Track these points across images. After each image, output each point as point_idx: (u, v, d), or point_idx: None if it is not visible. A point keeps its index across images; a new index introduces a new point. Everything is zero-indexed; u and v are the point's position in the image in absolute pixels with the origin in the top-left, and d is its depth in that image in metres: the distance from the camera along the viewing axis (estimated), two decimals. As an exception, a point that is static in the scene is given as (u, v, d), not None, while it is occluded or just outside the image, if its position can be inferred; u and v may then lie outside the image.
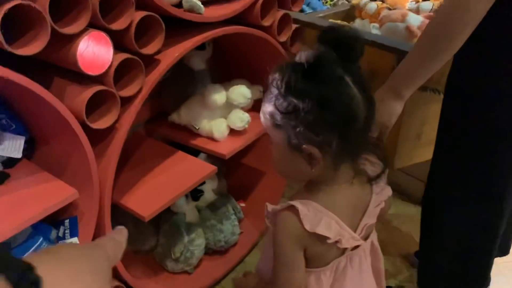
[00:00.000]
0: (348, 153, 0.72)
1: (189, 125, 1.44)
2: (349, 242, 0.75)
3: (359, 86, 0.68)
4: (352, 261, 0.78)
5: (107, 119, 1.01)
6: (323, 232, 0.71)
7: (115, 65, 0.97)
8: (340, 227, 0.73)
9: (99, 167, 1.04)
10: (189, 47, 1.13)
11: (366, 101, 0.68)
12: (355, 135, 0.69)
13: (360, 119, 0.68)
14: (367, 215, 0.77)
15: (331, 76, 0.66)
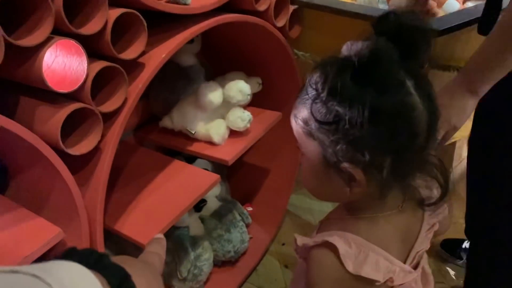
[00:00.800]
0: (400, 176, 0.57)
1: (184, 129, 1.28)
2: (400, 277, 0.61)
3: (422, 93, 0.52)
4: None
5: (89, 141, 0.85)
6: (370, 275, 0.57)
7: (91, 77, 0.81)
8: (390, 263, 0.59)
9: (85, 196, 0.89)
10: (177, 45, 0.97)
11: (430, 113, 0.53)
12: (412, 156, 0.55)
13: (421, 136, 0.53)
14: (419, 242, 0.64)
15: (390, 81, 0.50)
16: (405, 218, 0.62)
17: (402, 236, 0.63)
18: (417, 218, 0.64)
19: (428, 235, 0.65)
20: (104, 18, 0.81)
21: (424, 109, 0.53)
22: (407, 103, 0.52)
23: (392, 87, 0.51)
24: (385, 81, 0.50)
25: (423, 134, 0.53)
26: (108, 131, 0.89)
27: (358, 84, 0.50)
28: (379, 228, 0.60)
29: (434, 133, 0.55)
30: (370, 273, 0.57)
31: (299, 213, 1.69)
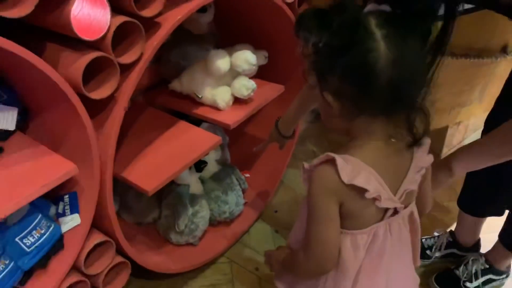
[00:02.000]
0: (372, 107, 0.67)
1: (192, 93, 1.36)
2: (388, 202, 0.70)
3: (390, 41, 0.62)
4: (391, 228, 0.74)
5: (106, 88, 0.94)
6: (361, 184, 0.67)
7: (112, 29, 0.89)
8: (380, 184, 0.69)
9: (99, 139, 0.98)
10: (191, 8, 1.04)
11: (396, 59, 0.62)
12: (375, 91, 0.64)
13: (380, 76, 0.63)
14: (407, 180, 0.73)
15: (350, 22, 0.63)
16: (395, 151, 0.71)
17: (392, 168, 0.71)
18: (406, 158, 0.73)
19: (416, 177, 0.74)
20: (128, -24, 0.89)
21: (388, 54, 0.62)
22: (365, 46, 0.62)
23: (350, 28, 0.62)
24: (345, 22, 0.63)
25: (384, 75, 0.63)
26: (124, 82, 0.97)
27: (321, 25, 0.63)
28: (372, 154, 0.70)
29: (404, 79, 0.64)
30: (362, 182, 0.67)
31: (293, 186, 1.78)
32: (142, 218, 1.48)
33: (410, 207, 0.76)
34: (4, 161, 0.96)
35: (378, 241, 0.73)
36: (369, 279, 0.75)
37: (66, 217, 1.03)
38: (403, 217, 0.76)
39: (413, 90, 0.67)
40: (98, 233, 1.09)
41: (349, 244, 0.73)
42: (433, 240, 1.45)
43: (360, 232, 0.72)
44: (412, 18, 0.63)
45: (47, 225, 1.00)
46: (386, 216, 0.73)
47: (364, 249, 0.73)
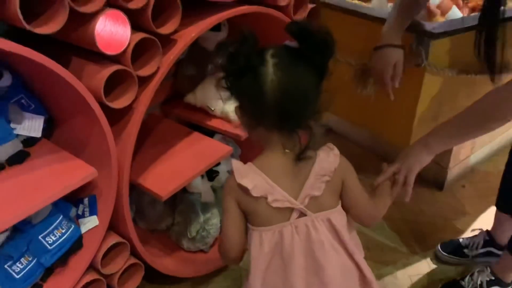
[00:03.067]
0: (265, 122, 0.79)
1: (205, 106, 1.44)
2: (281, 203, 0.80)
3: (281, 71, 0.75)
4: (298, 228, 0.81)
5: (125, 98, 1.02)
6: (245, 183, 0.79)
7: (132, 44, 0.98)
8: (270, 186, 0.80)
9: (117, 146, 1.05)
10: (205, 27, 1.13)
11: (282, 84, 0.75)
12: (264, 109, 0.77)
13: (266, 96, 0.75)
14: (308, 185, 0.81)
15: (247, 51, 0.76)
16: (290, 160, 0.81)
17: (292, 175, 0.81)
18: (306, 166, 0.82)
19: (318, 184, 0.81)
20: (147, -3, 0.98)
21: (274, 79, 0.75)
22: (257, 70, 0.75)
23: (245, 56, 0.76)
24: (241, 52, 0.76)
25: (270, 96, 0.75)
26: (141, 93, 1.06)
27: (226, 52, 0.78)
28: (268, 162, 0.82)
29: (287, 102, 0.76)
30: (246, 182, 0.79)
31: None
32: (156, 224, 1.55)
33: (326, 214, 0.82)
34: (30, 165, 1.05)
35: (286, 241, 0.80)
36: (280, 277, 0.82)
37: (85, 218, 1.11)
38: (314, 221, 0.81)
39: (297, 112, 0.78)
40: (114, 235, 1.16)
41: (257, 241, 0.82)
42: (470, 239, 1.48)
43: (264, 229, 0.81)
44: (310, 53, 0.75)
45: (67, 225, 1.08)
46: (292, 217, 0.81)
47: (269, 246, 0.81)
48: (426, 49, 1.23)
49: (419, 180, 1.76)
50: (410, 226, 1.62)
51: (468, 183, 1.81)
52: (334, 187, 0.85)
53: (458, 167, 1.79)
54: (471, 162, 1.85)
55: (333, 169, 0.83)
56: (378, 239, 1.56)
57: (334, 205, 0.85)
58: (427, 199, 1.74)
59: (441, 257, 1.47)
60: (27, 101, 1.10)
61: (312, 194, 0.81)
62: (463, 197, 1.75)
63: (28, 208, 0.94)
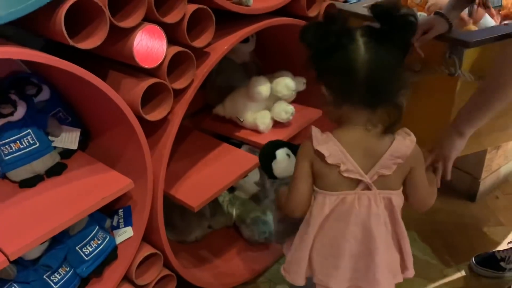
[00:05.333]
0: (353, 98, 0.83)
1: (234, 117, 1.45)
2: (352, 173, 0.85)
3: (369, 46, 0.80)
4: (360, 199, 0.86)
5: (161, 111, 1.04)
6: (322, 150, 0.84)
7: (168, 58, 0.99)
8: (344, 156, 0.84)
9: (152, 157, 1.06)
10: (237, 39, 1.14)
11: (371, 60, 0.80)
12: (354, 85, 0.81)
13: (358, 72, 0.80)
14: (381, 163, 0.85)
15: (338, 30, 0.81)
16: (370, 137, 0.85)
17: (365, 149, 0.85)
18: (382, 144, 0.86)
19: (389, 164, 0.85)
20: (183, 11, 0.99)
21: (365, 56, 0.79)
22: (349, 48, 0.80)
23: (339, 36, 0.80)
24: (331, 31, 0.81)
25: (361, 73, 0.80)
26: (176, 105, 1.07)
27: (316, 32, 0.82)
28: (346, 134, 0.86)
29: (378, 78, 0.81)
30: (323, 149, 0.84)
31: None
32: (185, 236, 1.55)
33: (388, 193, 0.87)
34: (68, 177, 1.07)
35: (344, 207, 0.87)
36: (329, 236, 0.89)
37: (120, 229, 1.12)
38: (376, 197, 0.86)
39: (386, 88, 0.82)
40: (148, 246, 1.17)
41: (319, 202, 0.88)
42: (506, 252, 1.45)
43: (329, 194, 0.87)
44: (394, 33, 0.80)
45: (103, 236, 1.09)
46: (358, 188, 0.86)
47: (329, 208, 0.87)
48: (460, 58, 1.21)
49: (451, 192, 1.77)
50: (443, 238, 1.59)
51: (501, 194, 1.77)
52: (403, 171, 0.88)
53: (491, 177, 1.75)
54: (503, 172, 1.81)
55: (408, 154, 0.85)
56: (411, 251, 1.53)
57: (398, 187, 0.89)
58: (460, 210, 1.70)
59: (476, 270, 1.44)
60: (64, 114, 1.13)
61: (382, 172, 0.85)
62: (497, 208, 1.70)
63: (67, 220, 0.95)
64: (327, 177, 0.87)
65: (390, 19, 0.80)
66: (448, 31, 1.20)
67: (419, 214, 1.64)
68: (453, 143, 1.08)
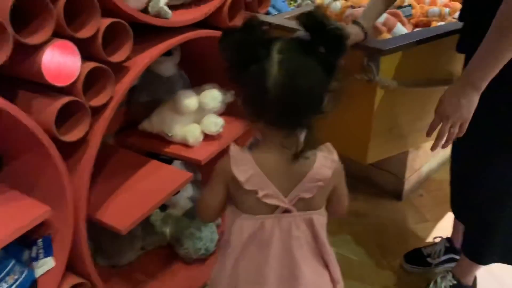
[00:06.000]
0: (265, 117, 0.78)
1: (162, 132, 1.41)
2: (271, 198, 0.81)
3: (287, 69, 0.73)
4: (280, 223, 0.83)
5: (78, 130, 0.98)
6: (238, 175, 0.79)
7: (83, 74, 0.94)
8: (263, 181, 0.80)
9: (71, 181, 1.00)
10: (158, 53, 1.11)
11: (284, 80, 0.73)
12: (265, 105, 0.75)
13: (269, 92, 0.73)
14: (301, 187, 0.82)
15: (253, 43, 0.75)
16: (288, 159, 0.80)
17: (286, 173, 0.81)
18: (303, 166, 0.81)
19: (310, 187, 0.82)
20: (96, 25, 0.95)
21: (279, 77, 0.73)
22: (261, 63, 0.73)
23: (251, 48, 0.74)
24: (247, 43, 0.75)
25: (271, 94, 0.73)
26: (95, 124, 1.01)
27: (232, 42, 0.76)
28: (264, 156, 0.81)
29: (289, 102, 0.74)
30: (239, 173, 0.79)
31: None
32: (117, 260, 1.48)
33: (310, 214, 0.84)
34: (-24, 208, 0.97)
35: (266, 231, 0.83)
36: (252, 263, 0.85)
37: (40, 261, 1.03)
38: (297, 219, 0.83)
39: (299, 110, 0.76)
40: (73, 276, 1.09)
41: (238, 226, 0.84)
42: (431, 248, 1.51)
43: (247, 218, 0.83)
44: (324, 49, 0.74)
45: (20, 270, 1.00)
46: (276, 212, 0.82)
47: (248, 233, 0.83)
48: (376, 65, 1.27)
49: (379, 192, 1.84)
50: (374, 238, 1.64)
51: (425, 192, 1.87)
52: (325, 191, 0.86)
53: (414, 176, 1.84)
54: (425, 171, 1.92)
55: (329, 176, 0.83)
56: (344, 254, 1.57)
57: (320, 206, 0.86)
58: (388, 210, 1.77)
59: (406, 268, 1.50)
60: (-31, 139, 1.03)
61: (302, 196, 0.82)
62: (422, 206, 1.80)
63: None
64: (244, 201, 0.83)
65: (322, 32, 0.74)
66: (364, 39, 1.25)
67: (351, 217, 1.72)
68: (472, 101, 1.01)
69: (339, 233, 1.63)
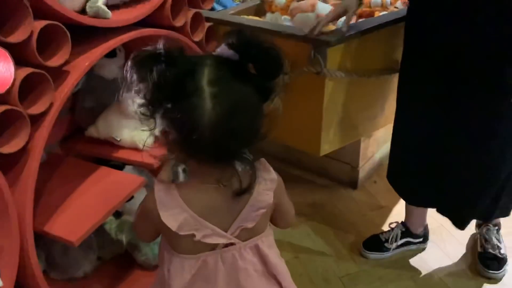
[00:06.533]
0: (196, 155, 0.69)
1: (110, 137, 1.36)
2: (210, 238, 0.74)
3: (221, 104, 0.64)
4: (224, 258, 0.77)
5: (17, 141, 0.92)
6: (167, 222, 0.71)
7: (18, 81, 0.89)
8: (198, 223, 0.73)
9: (14, 195, 0.94)
10: (99, 54, 1.07)
11: (219, 121, 0.64)
12: (198, 143, 0.65)
13: (202, 131, 0.64)
14: (242, 218, 0.75)
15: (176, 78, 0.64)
16: (225, 195, 0.73)
17: (223, 209, 0.74)
18: (242, 199, 0.74)
19: (253, 216, 0.75)
20: (29, 29, 0.90)
21: (212, 114, 0.63)
22: (192, 102, 0.63)
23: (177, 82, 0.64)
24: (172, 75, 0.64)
25: (206, 132, 0.63)
26: (36, 133, 0.96)
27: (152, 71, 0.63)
28: (199, 195, 0.73)
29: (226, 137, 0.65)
30: (169, 221, 0.71)
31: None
32: (72, 273, 1.41)
33: (255, 240, 0.78)
34: None
35: (208, 269, 0.76)
36: None
37: (-15, 282, 0.97)
38: (241, 249, 0.77)
39: (236, 146, 0.68)
40: (23, 294, 1.04)
41: (178, 266, 0.76)
42: (388, 233, 1.54)
43: (187, 257, 0.76)
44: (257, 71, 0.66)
45: (-37, 294, 0.94)
46: (218, 247, 0.76)
47: (190, 273, 0.76)
48: (324, 57, 1.28)
49: (335, 182, 1.86)
50: (333, 228, 1.66)
51: (378, 178, 1.91)
52: (268, 213, 0.79)
53: (367, 164, 1.88)
54: (378, 158, 1.96)
55: (271, 201, 0.76)
56: (305, 246, 1.58)
57: (264, 228, 0.80)
58: (344, 199, 1.80)
59: (365, 255, 1.53)
60: None
61: (245, 226, 0.75)
62: (376, 192, 1.83)
63: None
64: (180, 244, 0.75)
65: (250, 53, 0.66)
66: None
67: (309, 208, 1.73)
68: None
69: (298, 227, 1.64)
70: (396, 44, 1.38)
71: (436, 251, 1.54)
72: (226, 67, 0.66)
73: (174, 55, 0.65)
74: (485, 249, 1.46)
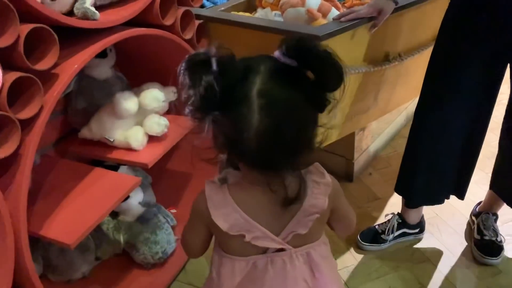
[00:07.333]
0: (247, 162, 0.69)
1: (103, 138, 1.35)
2: (261, 240, 0.73)
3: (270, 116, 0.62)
4: (273, 263, 0.76)
5: (8, 146, 0.92)
6: (218, 221, 0.71)
7: (7, 86, 0.88)
8: (249, 224, 0.72)
9: (7, 200, 0.94)
10: (88, 56, 1.06)
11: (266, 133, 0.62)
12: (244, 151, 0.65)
13: (248, 141, 0.63)
14: (294, 223, 0.73)
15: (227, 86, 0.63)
16: (276, 200, 0.71)
17: (275, 212, 0.73)
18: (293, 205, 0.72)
19: (305, 221, 0.73)
20: (16, 32, 0.89)
21: (261, 124, 0.62)
22: (240, 112, 0.62)
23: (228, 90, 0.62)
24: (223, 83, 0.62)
25: (252, 143, 0.63)
26: (27, 137, 0.96)
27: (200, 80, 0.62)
28: (249, 198, 0.72)
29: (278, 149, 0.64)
30: (220, 220, 0.71)
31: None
32: (71, 275, 1.42)
33: (307, 248, 0.77)
34: None
35: (257, 272, 0.76)
36: None
37: (-19, 288, 0.97)
38: (292, 256, 0.76)
39: (283, 157, 0.66)
40: (21, 299, 1.04)
41: (228, 268, 0.76)
42: (384, 225, 1.55)
43: (238, 259, 0.76)
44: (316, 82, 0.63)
45: (-40, 300, 0.94)
46: (269, 251, 0.75)
47: (240, 275, 0.76)
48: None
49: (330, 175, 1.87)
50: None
51: (373, 170, 1.92)
52: (323, 219, 0.77)
53: (362, 157, 1.89)
54: (372, 150, 1.97)
55: (325, 206, 0.73)
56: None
57: (318, 236, 0.79)
58: (340, 192, 1.81)
59: (362, 247, 1.53)
60: None
61: (297, 231, 0.74)
62: (372, 184, 1.84)
63: None
64: (231, 244, 0.75)
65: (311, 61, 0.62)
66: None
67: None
68: None
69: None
70: (387, 36, 1.38)
71: (432, 241, 1.55)
72: (280, 74, 0.64)
73: (225, 63, 0.63)
74: (482, 235, 1.47)
